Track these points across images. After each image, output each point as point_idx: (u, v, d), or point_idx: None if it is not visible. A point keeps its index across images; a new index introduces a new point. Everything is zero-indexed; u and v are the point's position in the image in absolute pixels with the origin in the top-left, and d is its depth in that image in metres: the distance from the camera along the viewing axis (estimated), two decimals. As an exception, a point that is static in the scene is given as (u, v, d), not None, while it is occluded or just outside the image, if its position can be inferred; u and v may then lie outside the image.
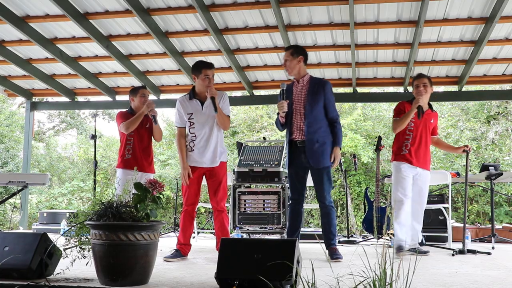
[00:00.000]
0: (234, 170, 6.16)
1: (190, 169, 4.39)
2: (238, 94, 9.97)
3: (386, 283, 2.19)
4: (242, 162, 6.22)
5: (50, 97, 8.98)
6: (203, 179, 4.54)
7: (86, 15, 6.13)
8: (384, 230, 6.45)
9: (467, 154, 4.96)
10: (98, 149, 10.00)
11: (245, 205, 6.13)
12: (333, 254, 4.14)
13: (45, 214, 8.08)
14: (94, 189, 6.08)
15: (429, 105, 4.72)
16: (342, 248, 5.29)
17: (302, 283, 2.32)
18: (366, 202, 6.81)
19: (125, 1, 5.62)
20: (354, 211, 11.88)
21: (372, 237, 6.37)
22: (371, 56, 6.86)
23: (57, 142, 16.78)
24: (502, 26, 5.89)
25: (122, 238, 2.77)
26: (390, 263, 2.20)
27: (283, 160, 6.21)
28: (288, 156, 4.32)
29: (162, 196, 3.03)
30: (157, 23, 6.27)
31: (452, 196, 8.14)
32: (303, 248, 3.19)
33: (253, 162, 6.21)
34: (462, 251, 4.72)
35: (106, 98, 8.31)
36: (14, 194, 5.60)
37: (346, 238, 6.34)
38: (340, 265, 3.83)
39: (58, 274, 3.08)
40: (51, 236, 3.19)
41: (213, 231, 7.97)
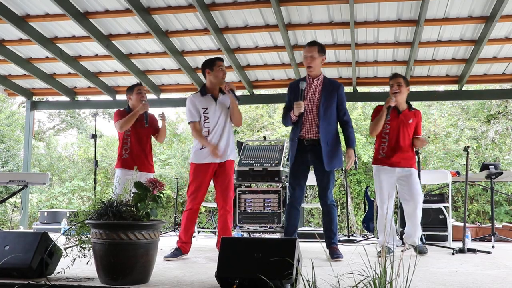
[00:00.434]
0: (234, 169, 6.16)
1: (202, 166, 4.36)
2: (239, 93, 9.96)
3: (386, 282, 2.19)
4: (242, 161, 6.23)
5: (50, 96, 8.98)
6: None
7: (86, 15, 6.13)
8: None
9: (467, 154, 4.96)
10: (98, 148, 10.01)
11: (245, 204, 6.13)
12: (333, 254, 4.13)
13: (45, 214, 8.09)
14: (95, 188, 6.07)
15: (408, 104, 4.61)
16: (342, 247, 5.29)
17: (303, 282, 2.32)
18: (366, 201, 6.82)
19: (125, 0, 5.62)
20: (354, 210, 11.88)
21: (372, 236, 6.37)
22: (371, 55, 6.86)
23: (57, 142, 16.80)
24: (502, 25, 5.89)
25: (122, 237, 2.77)
26: (390, 262, 2.21)
27: (284, 159, 6.21)
28: (293, 153, 4.24)
29: (162, 195, 3.03)
30: (157, 22, 6.27)
31: (452, 195, 8.15)
32: (303, 247, 3.19)
33: (253, 161, 6.22)
34: (462, 250, 4.72)
35: (106, 97, 8.31)
36: (15, 193, 5.60)
37: (346, 237, 6.35)
38: (340, 264, 3.83)
39: (58, 273, 3.08)
40: (52, 235, 3.19)
41: (213, 230, 7.99)
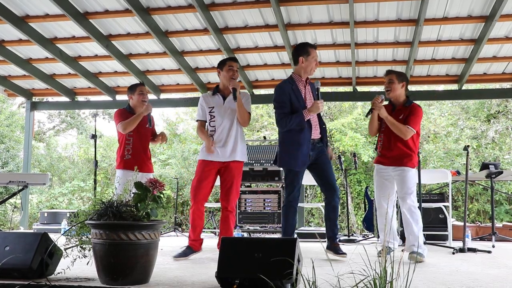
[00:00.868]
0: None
1: (207, 163, 4.37)
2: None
3: (387, 282, 2.19)
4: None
5: (50, 97, 8.99)
6: (217, 179, 4.51)
7: (86, 15, 6.13)
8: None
9: (467, 153, 4.95)
10: (98, 148, 10.01)
11: (245, 204, 6.13)
12: (338, 250, 4.14)
13: (45, 214, 8.09)
14: (95, 188, 6.07)
15: (406, 100, 4.39)
16: (342, 246, 5.29)
17: (303, 282, 2.32)
18: (366, 201, 6.82)
19: (125, 0, 5.62)
20: (354, 210, 11.89)
21: (372, 235, 6.37)
22: (371, 55, 6.86)
23: (57, 142, 16.79)
24: (502, 24, 5.89)
25: (122, 237, 2.77)
26: (391, 262, 2.21)
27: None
28: (304, 154, 4.16)
29: (162, 195, 3.03)
30: (157, 23, 6.27)
31: (452, 194, 8.15)
32: (304, 247, 3.20)
33: (253, 161, 6.22)
34: (462, 250, 4.72)
35: (106, 97, 8.31)
36: (15, 194, 5.59)
37: (346, 237, 6.34)
38: (340, 263, 3.83)
39: (59, 273, 3.08)
40: (52, 235, 3.19)
41: (213, 230, 7.99)
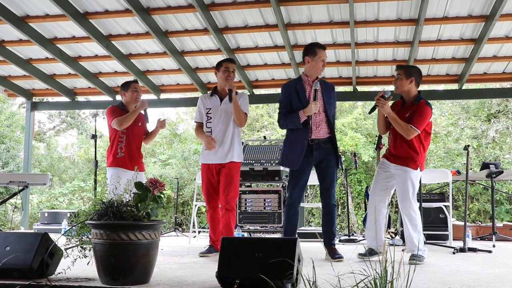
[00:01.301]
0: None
1: (207, 167, 4.49)
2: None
3: (387, 281, 2.19)
4: (243, 161, 6.21)
5: (50, 97, 9.00)
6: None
7: (86, 15, 6.13)
8: (384, 229, 6.45)
9: (468, 153, 4.95)
10: (98, 149, 10.00)
11: (245, 204, 6.13)
12: (334, 254, 4.13)
13: (46, 214, 8.09)
14: (95, 188, 6.07)
15: (416, 96, 4.20)
16: (343, 246, 5.30)
17: (303, 282, 2.32)
18: (366, 200, 6.80)
19: (125, 0, 5.62)
20: (354, 210, 11.89)
21: (373, 235, 6.36)
22: (371, 54, 6.86)
23: (57, 142, 16.79)
24: (502, 24, 5.89)
25: (123, 237, 2.77)
26: (391, 261, 2.21)
27: (281, 160, 6.20)
28: (300, 154, 4.17)
29: (163, 195, 3.03)
30: (157, 23, 6.27)
31: (452, 194, 8.15)
32: (304, 247, 3.20)
33: (253, 161, 6.22)
34: (463, 249, 4.72)
35: (106, 97, 8.30)
36: (15, 194, 5.59)
37: (347, 237, 6.34)
38: (341, 263, 3.83)
39: (59, 273, 3.08)
40: (52, 236, 3.19)
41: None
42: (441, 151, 11.58)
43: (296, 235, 4.30)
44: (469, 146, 5.03)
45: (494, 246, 5.29)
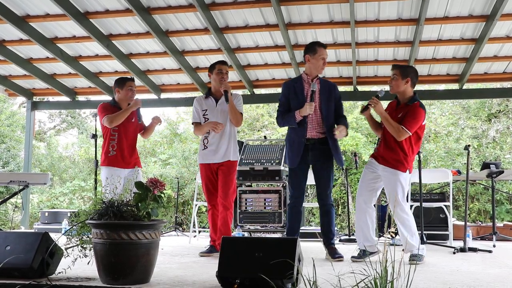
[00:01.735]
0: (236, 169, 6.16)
1: (205, 167, 4.55)
2: (239, 93, 9.95)
3: (387, 281, 2.19)
4: (243, 161, 6.22)
5: (50, 96, 8.99)
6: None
7: (87, 15, 6.13)
8: (385, 229, 6.45)
9: (468, 153, 4.94)
10: (99, 148, 9.96)
11: (246, 203, 6.13)
12: (334, 253, 4.13)
13: (46, 214, 8.09)
14: (95, 188, 6.06)
15: (411, 97, 4.12)
16: (343, 246, 5.30)
17: (304, 282, 2.32)
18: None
19: (125, 0, 5.61)
20: (355, 210, 11.88)
21: (373, 235, 6.35)
22: (372, 54, 6.86)
23: (58, 142, 16.79)
24: (503, 24, 5.88)
25: (123, 237, 2.77)
26: (391, 261, 2.21)
27: (284, 158, 6.20)
28: (297, 153, 4.19)
29: (163, 195, 3.03)
30: (157, 22, 6.27)
31: (453, 194, 8.14)
32: (304, 246, 3.20)
33: (254, 161, 6.21)
34: (463, 249, 4.72)
35: (107, 97, 8.28)
36: (16, 193, 5.60)
37: (347, 237, 6.34)
38: (341, 263, 3.83)
39: (59, 273, 3.09)
40: (53, 235, 3.20)
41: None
42: (441, 151, 11.57)
43: (298, 236, 4.31)
44: (469, 146, 5.03)
45: (494, 246, 5.29)
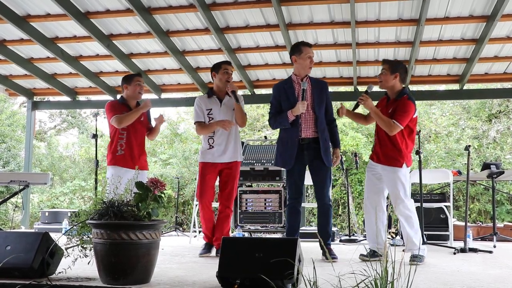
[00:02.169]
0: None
1: (208, 165, 4.46)
2: (239, 93, 9.95)
3: (388, 282, 2.19)
4: (244, 161, 6.22)
5: (51, 96, 8.99)
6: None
7: (87, 14, 6.13)
8: (385, 229, 6.45)
9: (469, 153, 4.94)
10: (99, 148, 10.01)
11: (246, 204, 6.13)
12: (329, 254, 4.14)
13: (46, 214, 8.09)
14: (96, 188, 6.07)
15: (400, 93, 4.12)
16: (343, 246, 5.30)
17: (304, 282, 2.32)
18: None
19: (126, 0, 5.62)
20: (355, 210, 11.87)
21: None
22: (372, 54, 6.86)
23: (58, 142, 16.79)
24: (503, 24, 5.88)
25: (123, 237, 2.77)
26: (392, 262, 2.20)
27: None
28: (292, 153, 4.19)
29: (163, 195, 3.03)
30: (158, 22, 6.27)
31: (453, 194, 8.14)
32: (304, 247, 3.19)
33: (254, 161, 6.22)
34: (463, 250, 4.72)
35: (108, 97, 8.29)
36: (16, 193, 5.60)
37: (347, 237, 6.34)
38: (341, 263, 3.83)
39: (60, 273, 3.09)
40: (53, 235, 3.20)
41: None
42: (442, 151, 11.56)
43: (297, 236, 4.31)
44: (470, 146, 5.03)
45: (495, 247, 5.29)
